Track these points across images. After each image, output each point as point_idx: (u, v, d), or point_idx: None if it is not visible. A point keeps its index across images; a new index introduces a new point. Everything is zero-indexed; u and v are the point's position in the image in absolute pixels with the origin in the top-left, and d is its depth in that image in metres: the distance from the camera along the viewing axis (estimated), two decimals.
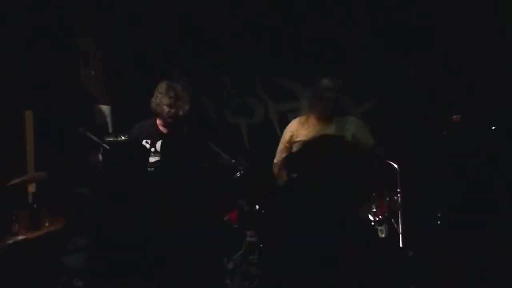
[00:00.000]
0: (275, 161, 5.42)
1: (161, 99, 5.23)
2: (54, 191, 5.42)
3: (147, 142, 5.32)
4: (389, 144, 6.42)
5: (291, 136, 5.28)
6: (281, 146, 5.38)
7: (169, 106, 5.23)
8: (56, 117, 5.96)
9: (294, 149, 5.22)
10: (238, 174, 5.69)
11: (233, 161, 5.56)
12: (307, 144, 5.08)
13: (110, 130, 6.55)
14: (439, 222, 5.73)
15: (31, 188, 5.42)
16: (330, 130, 5.11)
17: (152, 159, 5.31)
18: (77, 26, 6.37)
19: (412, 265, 5.70)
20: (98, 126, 6.43)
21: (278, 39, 6.91)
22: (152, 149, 5.33)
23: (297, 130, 5.26)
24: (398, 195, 5.97)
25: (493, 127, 5.56)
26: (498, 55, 6.46)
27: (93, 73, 6.47)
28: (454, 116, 5.43)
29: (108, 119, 6.62)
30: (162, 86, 5.30)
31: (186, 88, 7.01)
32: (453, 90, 6.55)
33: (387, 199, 5.90)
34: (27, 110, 5.87)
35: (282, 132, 5.54)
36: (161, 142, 5.34)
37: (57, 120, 5.96)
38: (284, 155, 5.33)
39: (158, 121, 5.38)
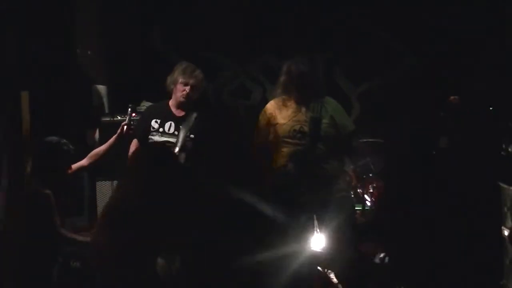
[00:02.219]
0: (256, 141, 5.21)
1: (177, 76, 5.16)
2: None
3: (156, 122, 5.20)
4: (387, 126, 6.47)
5: (270, 118, 5.10)
6: (259, 127, 5.17)
7: (185, 84, 5.15)
8: (52, 97, 5.95)
9: (272, 132, 5.08)
10: None
11: None
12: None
13: (107, 111, 6.55)
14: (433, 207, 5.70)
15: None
16: (308, 113, 5.00)
17: (159, 139, 5.17)
18: (75, 6, 6.35)
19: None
20: (95, 107, 6.44)
21: (277, 21, 6.89)
22: (161, 129, 5.20)
23: (275, 111, 5.09)
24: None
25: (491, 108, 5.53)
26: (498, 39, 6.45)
27: (89, 52, 6.46)
28: (452, 97, 5.38)
29: (105, 100, 6.62)
30: (181, 64, 5.23)
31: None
32: (451, 74, 6.54)
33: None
34: (23, 90, 5.85)
35: None
36: None
37: (53, 100, 5.95)
38: (263, 136, 5.15)
39: (170, 103, 5.26)
